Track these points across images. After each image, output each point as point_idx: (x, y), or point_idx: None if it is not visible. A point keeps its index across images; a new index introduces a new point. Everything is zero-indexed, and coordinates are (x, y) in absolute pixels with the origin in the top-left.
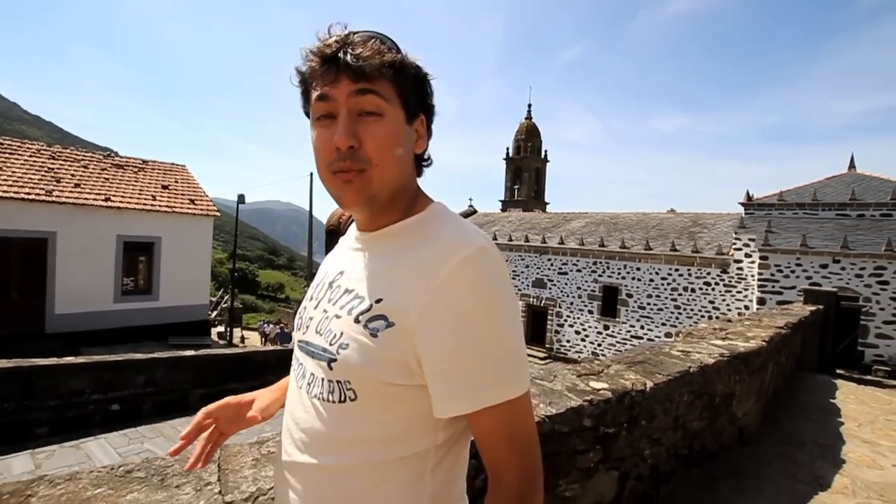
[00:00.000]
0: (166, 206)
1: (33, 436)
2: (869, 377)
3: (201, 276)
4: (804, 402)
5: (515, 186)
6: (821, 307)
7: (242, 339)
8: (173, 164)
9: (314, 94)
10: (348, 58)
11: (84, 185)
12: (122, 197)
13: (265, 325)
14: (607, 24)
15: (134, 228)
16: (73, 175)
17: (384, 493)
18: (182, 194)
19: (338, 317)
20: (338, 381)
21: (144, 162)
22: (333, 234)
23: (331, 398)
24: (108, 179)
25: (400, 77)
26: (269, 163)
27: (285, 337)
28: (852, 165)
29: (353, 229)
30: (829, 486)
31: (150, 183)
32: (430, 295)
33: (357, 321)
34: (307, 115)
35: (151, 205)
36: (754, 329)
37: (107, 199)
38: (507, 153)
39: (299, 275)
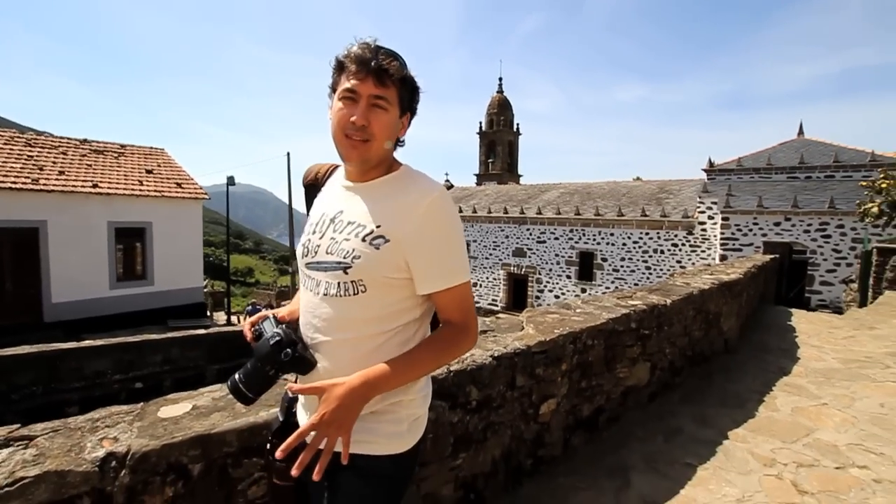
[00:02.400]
0: (154, 191)
1: (65, 415)
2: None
3: (194, 258)
4: (768, 323)
5: (490, 160)
6: (777, 256)
7: (239, 320)
8: (152, 147)
9: (345, 81)
10: (377, 67)
11: (68, 172)
12: (110, 183)
13: (259, 307)
14: None
15: (124, 214)
16: (54, 162)
17: (385, 352)
18: (168, 178)
19: (347, 240)
20: (352, 281)
21: (122, 146)
22: (312, 187)
23: (346, 293)
24: (90, 166)
25: (402, 88)
26: (227, 144)
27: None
28: (801, 132)
29: (338, 180)
30: (790, 373)
31: (133, 168)
32: (416, 220)
33: (364, 240)
34: (332, 89)
35: (140, 190)
36: (730, 269)
37: (94, 186)
38: (480, 127)
39: (268, 258)
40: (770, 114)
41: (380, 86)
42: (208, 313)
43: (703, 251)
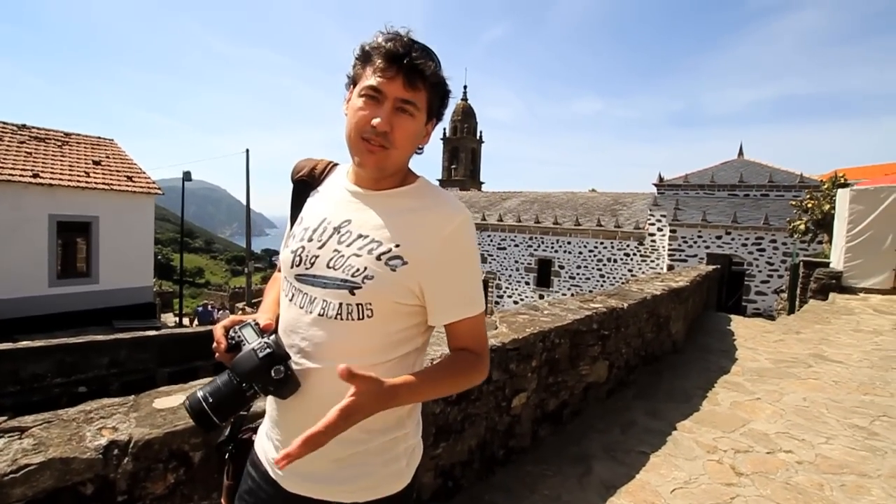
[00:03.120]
0: (103, 184)
1: None
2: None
3: (144, 256)
4: (710, 327)
5: (453, 166)
6: (718, 267)
7: (191, 322)
8: (100, 137)
9: (370, 76)
10: (409, 65)
11: (4, 159)
12: (52, 173)
13: (213, 311)
14: (530, 4)
15: (68, 207)
16: None
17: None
18: (117, 171)
19: (357, 255)
20: (358, 304)
21: (67, 135)
22: (304, 184)
23: (350, 317)
24: (30, 153)
25: (433, 92)
26: (179, 138)
27: (206, 315)
28: (741, 153)
29: (341, 182)
30: (729, 371)
31: (78, 158)
32: (438, 244)
33: (378, 259)
34: (352, 81)
35: (86, 182)
36: (678, 277)
37: (35, 176)
38: (444, 133)
39: (219, 258)
40: (714, 133)
41: (410, 88)
42: (157, 315)
43: (652, 261)
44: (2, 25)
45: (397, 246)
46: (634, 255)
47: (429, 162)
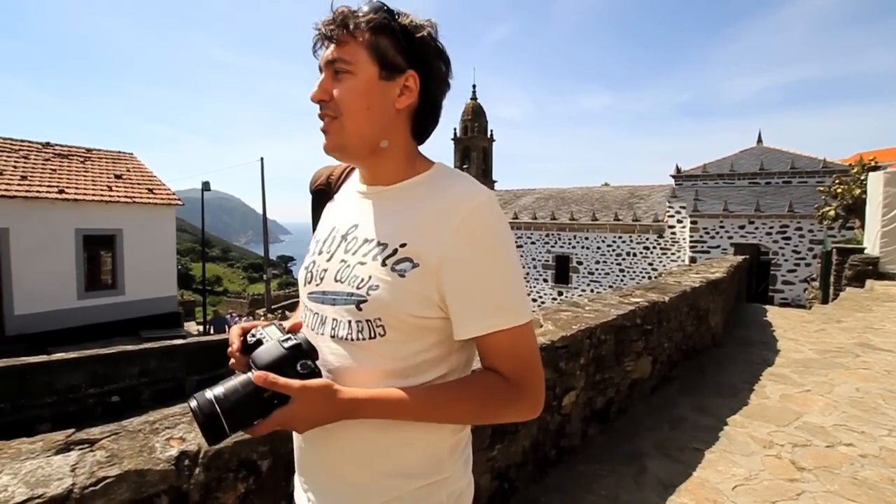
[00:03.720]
0: (125, 197)
1: (36, 433)
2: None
3: (167, 267)
4: (747, 319)
5: (464, 166)
6: (747, 257)
7: (206, 329)
8: (120, 152)
9: None
10: (323, 27)
11: (31, 177)
12: (77, 188)
13: (232, 318)
14: (534, 1)
15: (93, 221)
16: (15, 166)
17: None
18: (138, 184)
19: (362, 263)
20: (367, 320)
21: (89, 150)
22: (322, 193)
23: (360, 336)
24: (55, 170)
25: (377, 37)
26: (192, 149)
27: (220, 324)
28: (760, 140)
29: (353, 186)
30: (773, 363)
31: (100, 173)
32: (450, 236)
33: (384, 265)
34: None
35: (109, 196)
36: (712, 268)
37: (61, 192)
38: (455, 133)
39: (236, 266)
40: (727, 122)
41: (332, 45)
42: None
43: (673, 253)
44: (11, 44)
45: (403, 246)
46: (654, 248)
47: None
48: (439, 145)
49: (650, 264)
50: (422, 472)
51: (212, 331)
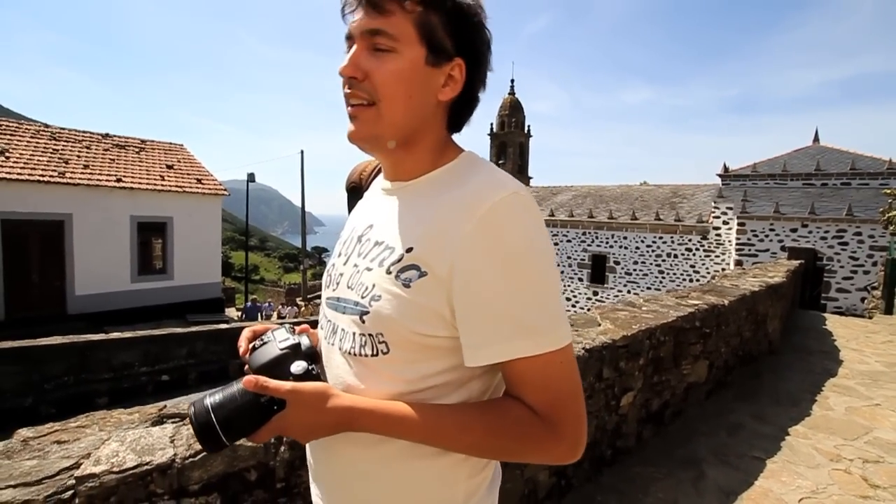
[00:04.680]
0: (176, 186)
1: (95, 407)
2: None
3: (213, 254)
4: (805, 326)
5: (501, 161)
6: (802, 261)
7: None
8: (171, 143)
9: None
10: None
11: (93, 166)
12: (133, 178)
13: (259, 305)
14: None
15: (146, 209)
16: (78, 156)
17: (422, 454)
18: (188, 174)
19: (369, 269)
20: (370, 335)
21: (143, 142)
22: (355, 191)
23: (363, 352)
24: (113, 160)
25: (427, 14)
26: (230, 140)
27: (254, 311)
28: (816, 138)
29: (378, 182)
30: (836, 374)
31: (154, 163)
32: (463, 239)
33: (388, 272)
34: None
35: (161, 185)
36: (770, 272)
37: (118, 180)
38: (492, 129)
39: (272, 255)
40: (780, 119)
41: (374, 14)
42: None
43: (717, 256)
44: (71, 39)
45: (410, 251)
46: (697, 250)
47: None
48: (475, 139)
49: (692, 266)
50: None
51: (244, 318)
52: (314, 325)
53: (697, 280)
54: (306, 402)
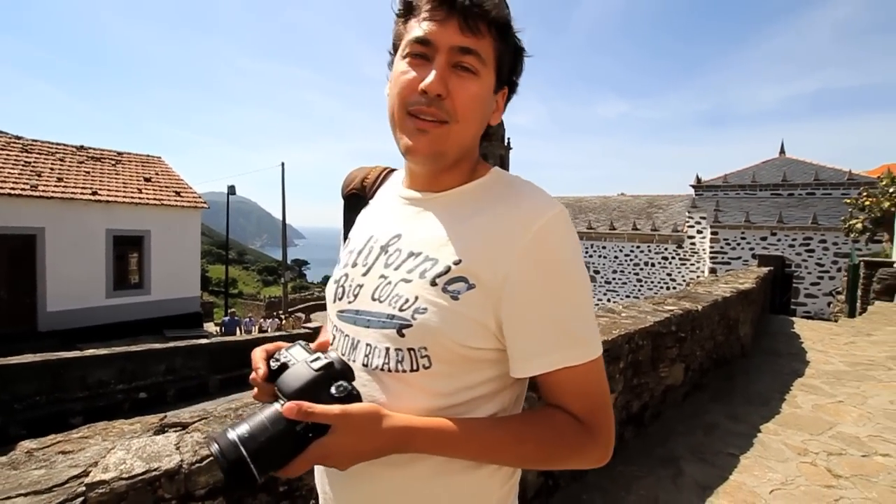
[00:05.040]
0: (154, 199)
1: (69, 426)
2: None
3: (191, 268)
4: (774, 330)
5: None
6: (772, 268)
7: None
8: (148, 155)
9: (414, 30)
10: (465, 1)
11: (67, 178)
12: (109, 190)
13: (238, 319)
14: (552, 10)
15: (123, 222)
16: (52, 169)
17: (455, 470)
18: (167, 187)
19: (406, 281)
20: (409, 349)
21: (119, 154)
22: (356, 198)
23: (400, 367)
24: (88, 173)
25: (503, 40)
26: (207, 152)
27: (233, 325)
28: (783, 150)
29: (395, 189)
30: (803, 375)
31: (131, 176)
32: (518, 255)
33: (434, 284)
34: (394, 45)
35: (139, 198)
36: (741, 279)
37: (94, 193)
38: None
39: (251, 269)
40: (749, 131)
41: (468, 32)
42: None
43: (692, 264)
44: (41, 50)
45: (458, 263)
46: (673, 258)
47: None
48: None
49: (668, 275)
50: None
51: (223, 332)
52: (298, 339)
53: (674, 287)
54: (357, 426)
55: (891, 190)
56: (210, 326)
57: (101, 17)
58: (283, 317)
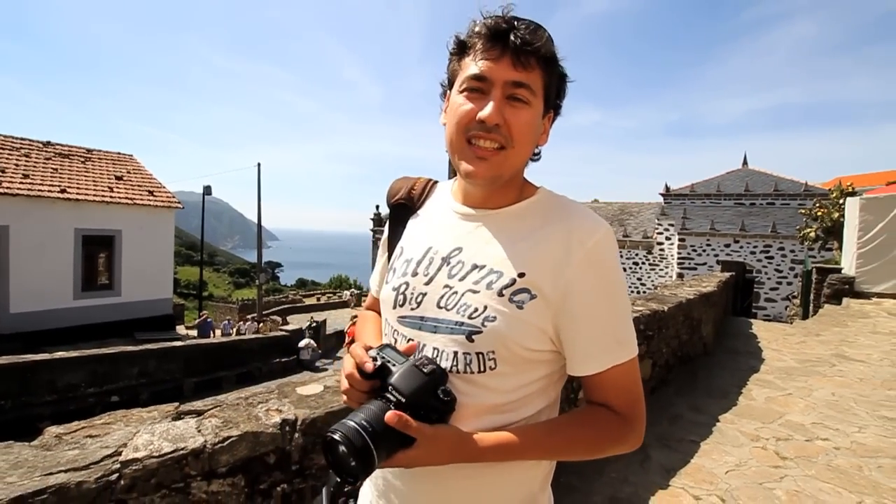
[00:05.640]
0: (125, 198)
1: (37, 431)
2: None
3: (164, 269)
4: (735, 331)
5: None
6: (733, 273)
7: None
8: (119, 153)
9: (468, 67)
10: (517, 40)
11: (33, 175)
12: (78, 188)
13: (240, 324)
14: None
15: (93, 221)
16: (17, 165)
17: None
18: (139, 185)
19: (474, 291)
20: (478, 353)
21: (89, 151)
22: (403, 207)
23: (469, 369)
24: (56, 170)
25: (549, 72)
26: (178, 151)
27: (207, 327)
28: (745, 162)
29: (447, 203)
30: (758, 370)
31: (101, 174)
32: (575, 268)
33: (501, 294)
34: (448, 83)
35: (110, 197)
36: (704, 282)
37: (62, 191)
38: None
39: (222, 270)
40: (714, 142)
41: (520, 67)
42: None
43: (661, 269)
44: (4, 43)
45: (522, 276)
46: (643, 263)
47: (431, 173)
48: (434, 156)
49: (639, 279)
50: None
51: (198, 334)
52: (279, 341)
53: (644, 291)
54: (440, 447)
55: (840, 202)
56: (181, 329)
57: (69, 10)
58: (259, 320)
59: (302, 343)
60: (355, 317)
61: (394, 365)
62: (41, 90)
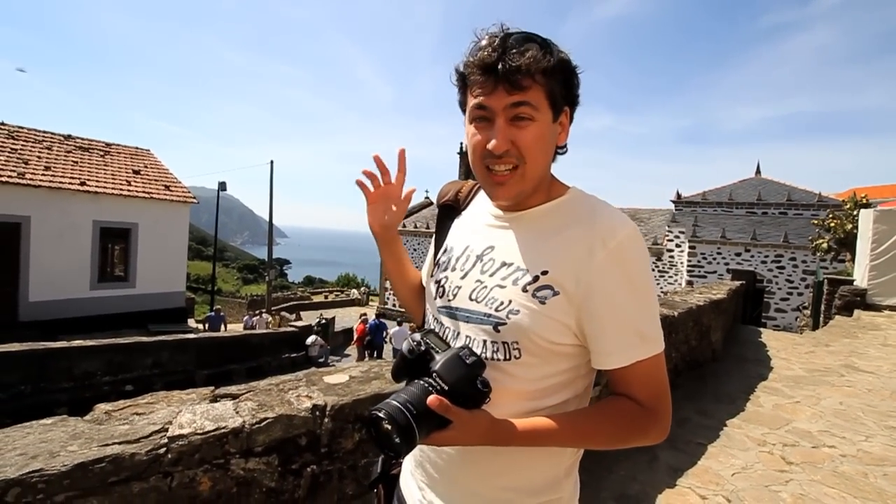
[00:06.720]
0: (143, 192)
1: (54, 416)
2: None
3: (178, 263)
4: (743, 339)
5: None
6: (743, 282)
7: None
8: (137, 148)
9: (472, 99)
10: (506, 69)
11: (55, 168)
12: (97, 181)
13: (248, 319)
14: (540, 24)
15: (111, 214)
16: (39, 157)
17: None
18: (156, 180)
19: (501, 287)
20: (503, 342)
21: (108, 145)
22: (450, 208)
23: (496, 357)
24: (76, 163)
25: (551, 80)
26: (190, 146)
27: (217, 321)
28: (758, 171)
29: (485, 205)
30: (766, 378)
31: (119, 167)
32: (599, 266)
33: (525, 290)
34: (462, 106)
35: (128, 190)
36: (714, 290)
37: (82, 184)
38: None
39: (231, 266)
40: (727, 150)
41: (516, 92)
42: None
43: (671, 276)
44: (24, 36)
45: (545, 273)
46: (653, 270)
47: (439, 174)
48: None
49: None
50: (540, 489)
51: (207, 328)
52: (292, 336)
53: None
54: (475, 430)
55: (854, 213)
56: (191, 322)
57: (87, 4)
58: (268, 316)
59: (310, 340)
60: (364, 314)
61: (437, 352)
62: (60, 84)
